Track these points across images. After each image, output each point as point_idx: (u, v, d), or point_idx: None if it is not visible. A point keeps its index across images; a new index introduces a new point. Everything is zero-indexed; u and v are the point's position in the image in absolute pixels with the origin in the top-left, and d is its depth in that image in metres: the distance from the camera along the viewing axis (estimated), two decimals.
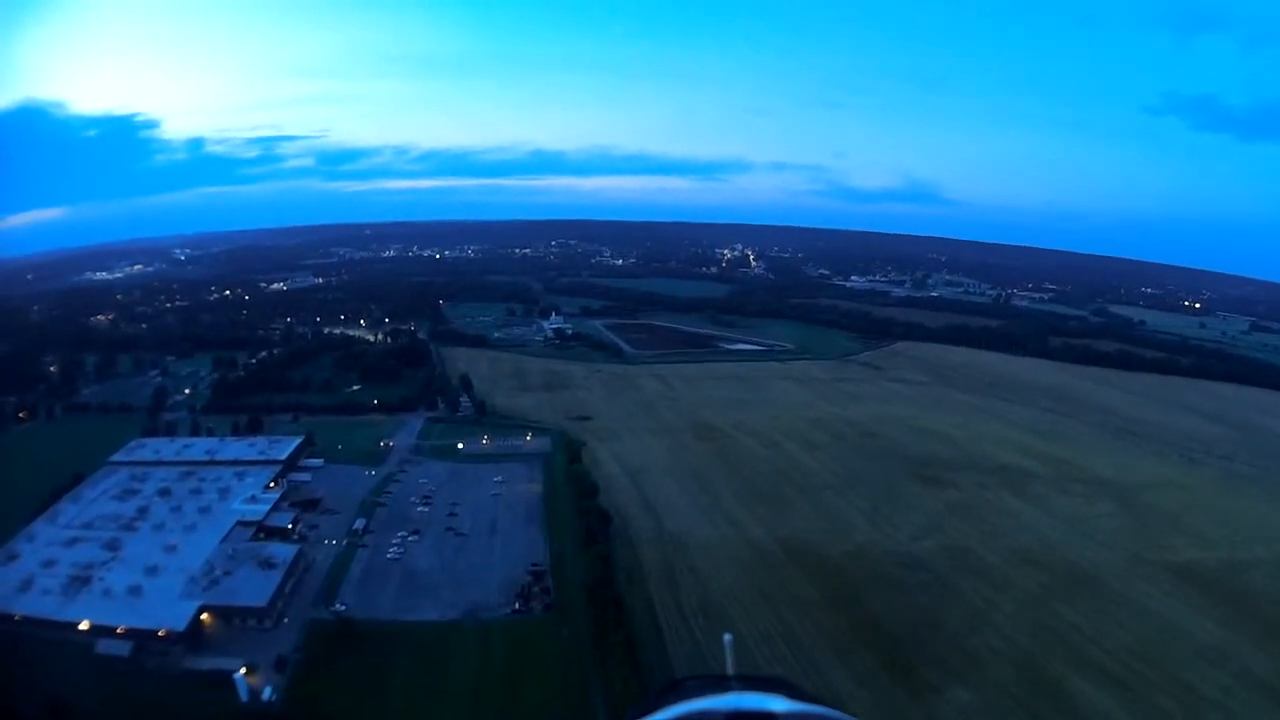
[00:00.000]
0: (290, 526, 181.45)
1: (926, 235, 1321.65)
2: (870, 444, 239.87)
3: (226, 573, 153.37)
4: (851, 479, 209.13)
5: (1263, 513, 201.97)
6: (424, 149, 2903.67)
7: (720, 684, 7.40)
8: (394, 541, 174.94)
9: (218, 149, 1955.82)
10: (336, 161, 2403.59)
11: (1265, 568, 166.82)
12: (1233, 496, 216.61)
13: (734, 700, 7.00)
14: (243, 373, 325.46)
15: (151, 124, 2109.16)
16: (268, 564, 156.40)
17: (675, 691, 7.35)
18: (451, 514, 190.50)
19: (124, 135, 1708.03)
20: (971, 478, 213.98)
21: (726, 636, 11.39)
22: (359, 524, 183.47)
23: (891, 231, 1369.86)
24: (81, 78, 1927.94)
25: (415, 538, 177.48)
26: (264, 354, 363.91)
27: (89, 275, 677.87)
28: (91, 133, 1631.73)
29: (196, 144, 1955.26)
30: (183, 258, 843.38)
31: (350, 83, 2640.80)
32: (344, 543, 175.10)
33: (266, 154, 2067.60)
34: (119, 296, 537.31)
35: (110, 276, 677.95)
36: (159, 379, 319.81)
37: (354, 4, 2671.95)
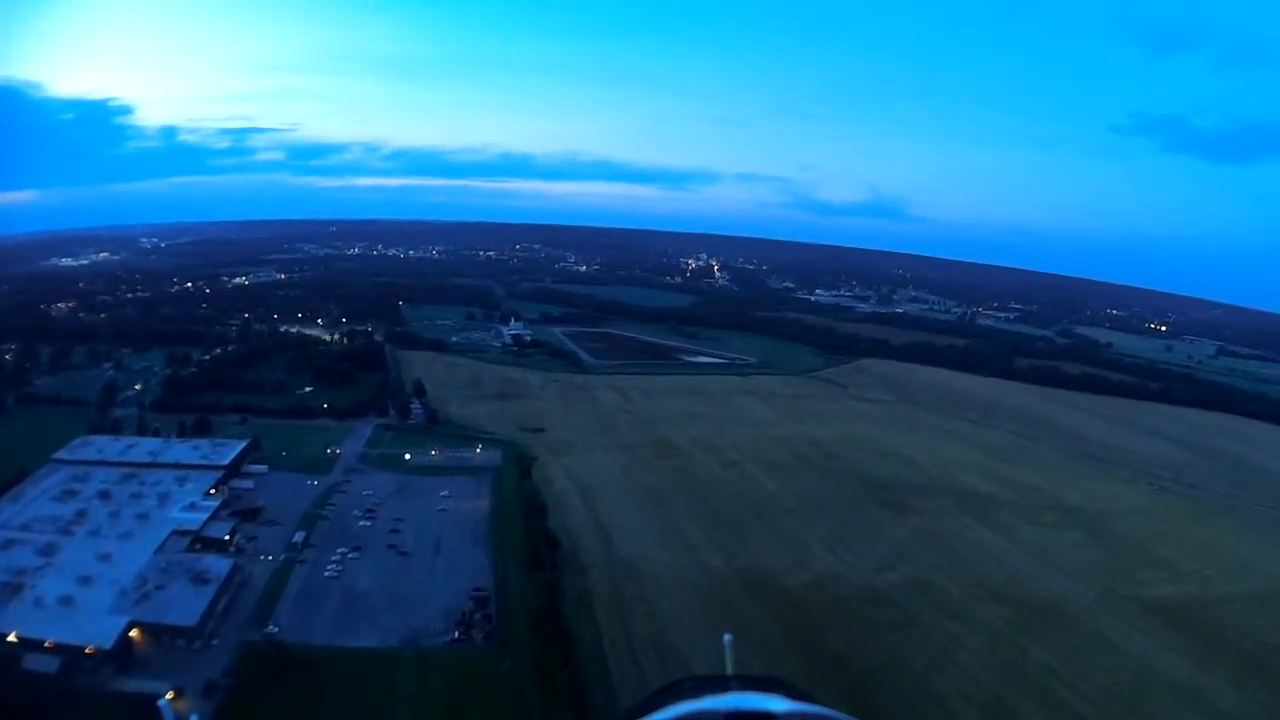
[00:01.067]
0: (228, 538, 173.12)
1: (892, 251, 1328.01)
2: (832, 466, 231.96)
3: (159, 587, 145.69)
4: (813, 503, 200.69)
5: (1233, 544, 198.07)
6: (393, 147, 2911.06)
7: (719, 684, 7.29)
8: (333, 558, 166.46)
9: (190, 138, 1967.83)
10: (307, 156, 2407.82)
11: (1239, 603, 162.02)
12: (1203, 526, 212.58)
13: (733, 700, 6.90)
14: (195, 370, 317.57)
15: (126, 110, 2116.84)
16: (201, 579, 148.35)
17: (674, 691, 7.22)
18: (395, 530, 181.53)
19: (99, 120, 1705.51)
20: (937, 503, 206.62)
21: (726, 637, 10.91)
22: (298, 537, 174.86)
23: (857, 246, 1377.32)
24: (59, 60, 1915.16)
25: (356, 555, 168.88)
26: (219, 351, 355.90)
27: (55, 261, 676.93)
28: (67, 116, 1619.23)
29: (169, 132, 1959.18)
30: (149, 247, 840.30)
31: (323, 78, 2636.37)
32: (282, 557, 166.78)
33: (238, 145, 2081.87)
34: (81, 284, 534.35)
35: (76, 263, 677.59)
36: (112, 373, 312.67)
37: (329, 1, 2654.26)
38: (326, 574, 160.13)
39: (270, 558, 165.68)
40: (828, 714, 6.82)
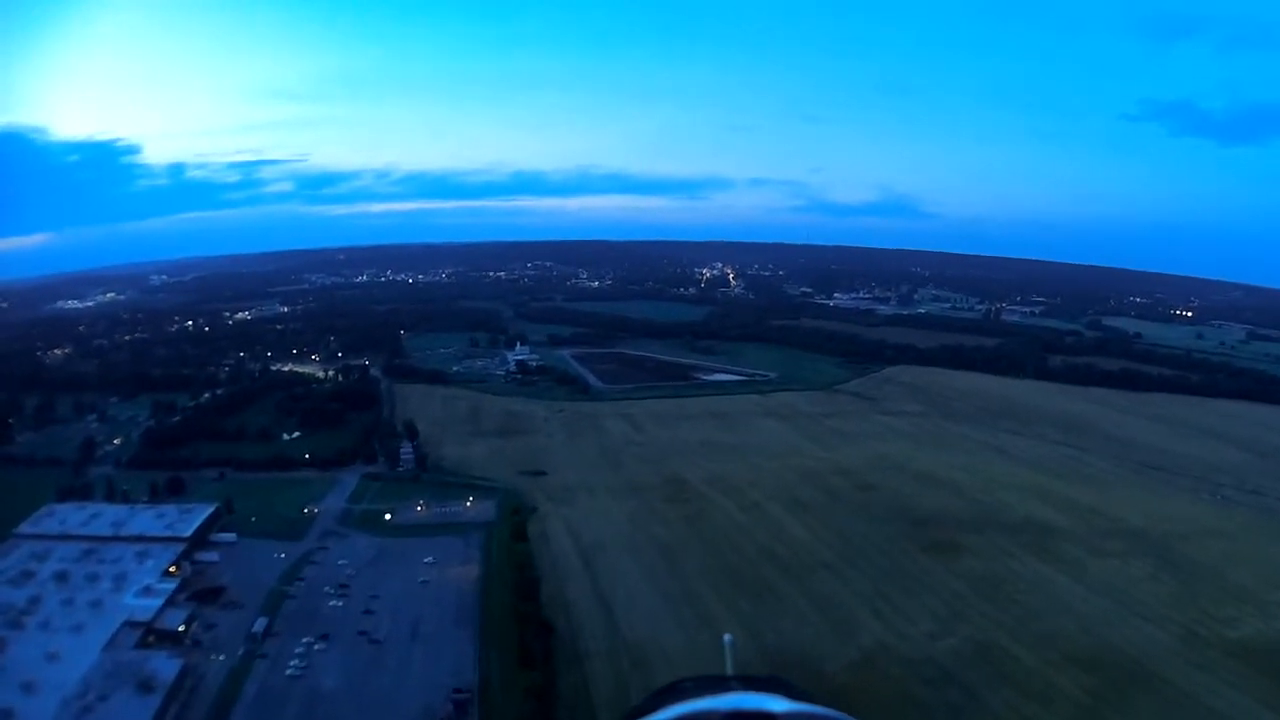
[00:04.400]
0: (182, 628, 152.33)
1: (908, 249, 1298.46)
2: (868, 501, 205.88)
3: (101, 698, 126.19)
4: (849, 552, 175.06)
5: None
6: (405, 171, 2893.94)
7: (719, 684, 7.13)
8: (297, 650, 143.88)
9: (198, 174, 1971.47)
10: (317, 185, 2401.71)
11: None
12: (1277, 543, 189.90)
13: (733, 700, 6.78)
14: (178, 418, 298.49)
15: (133, 149, 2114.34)
16: (147, 686, 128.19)
17: (674, 692, 7.09)
18: (368, 611, 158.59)
19: (106, 161, 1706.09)
20: (989, 540, 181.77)
21: (727, 637, 10.67)
22: (260, 625, 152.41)
23: (873, 246, 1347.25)
24: (63, 103, 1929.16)
25: (323, 646, 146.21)
26: (206, 395, 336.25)
27: (62, 304, 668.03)
28: (73, 158, 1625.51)
29: (178, 169, 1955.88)
30: (157, 285, 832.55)
31: (331, 106, 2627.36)
32: (240, 651, 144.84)
33: (247, 179, 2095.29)
34: (81, 328, 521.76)
35: (82, 305, 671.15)
36: (95, 425, 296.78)
37: (335, 28, 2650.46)
38: (288, 672, 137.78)
39: (219, 658, 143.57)
40: (828, 714, 6.73)
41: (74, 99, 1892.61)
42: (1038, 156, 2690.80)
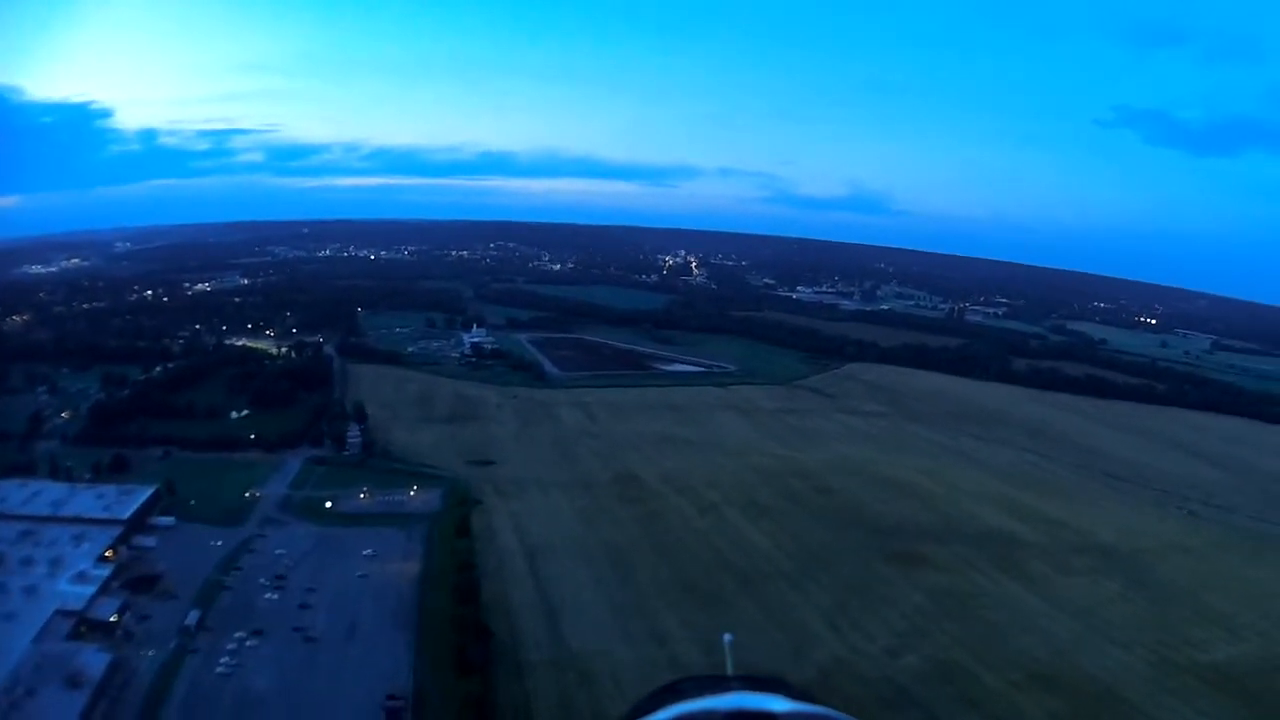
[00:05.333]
0: (114, 619, 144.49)
1: (874, 244, 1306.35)
2: (828, 505, 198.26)
3: (28, 692, 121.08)
4: (808, 561, 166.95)
5: None
6: (373, 147, 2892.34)
7: (719, 684, 7.11)
8: (230, 646, 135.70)
9: (170, 141, 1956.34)
10: (286, 157, 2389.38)
11: None
12: (1248, 564, 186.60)
13: (733, 700, 6.74)
14: (128, 393, 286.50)
15: (105, 113, 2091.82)
16: (74, 681, 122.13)
17: (674, 692, 7.08)
18: (304, 605, 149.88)
19: (79, 123, 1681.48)
20: (954, 552, 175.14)
21: (726, 636, 10.38)
22: (193, 618, 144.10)
23: (838, 240, 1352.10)
24: (38, 64, 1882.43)
25: (255, 641, 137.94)
26: (158, 369, 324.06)
27: (25, 269, 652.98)
28: (47, 119, 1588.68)
29: (149, 135, 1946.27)
30: (121, 252, 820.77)
31: (304, 79, 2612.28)
32: (172, 644, 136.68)
33: (218, 147, 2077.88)
34: (42, 295, 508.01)
35: (45, 270, 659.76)
36: (45, 397, 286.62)
37: (310, 2, 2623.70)
38: (219, 670, 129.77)
39: (150, 654, 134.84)
40: (828, 714, 6.67)
41: (50, 60, 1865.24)
42: (1009, 158, 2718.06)
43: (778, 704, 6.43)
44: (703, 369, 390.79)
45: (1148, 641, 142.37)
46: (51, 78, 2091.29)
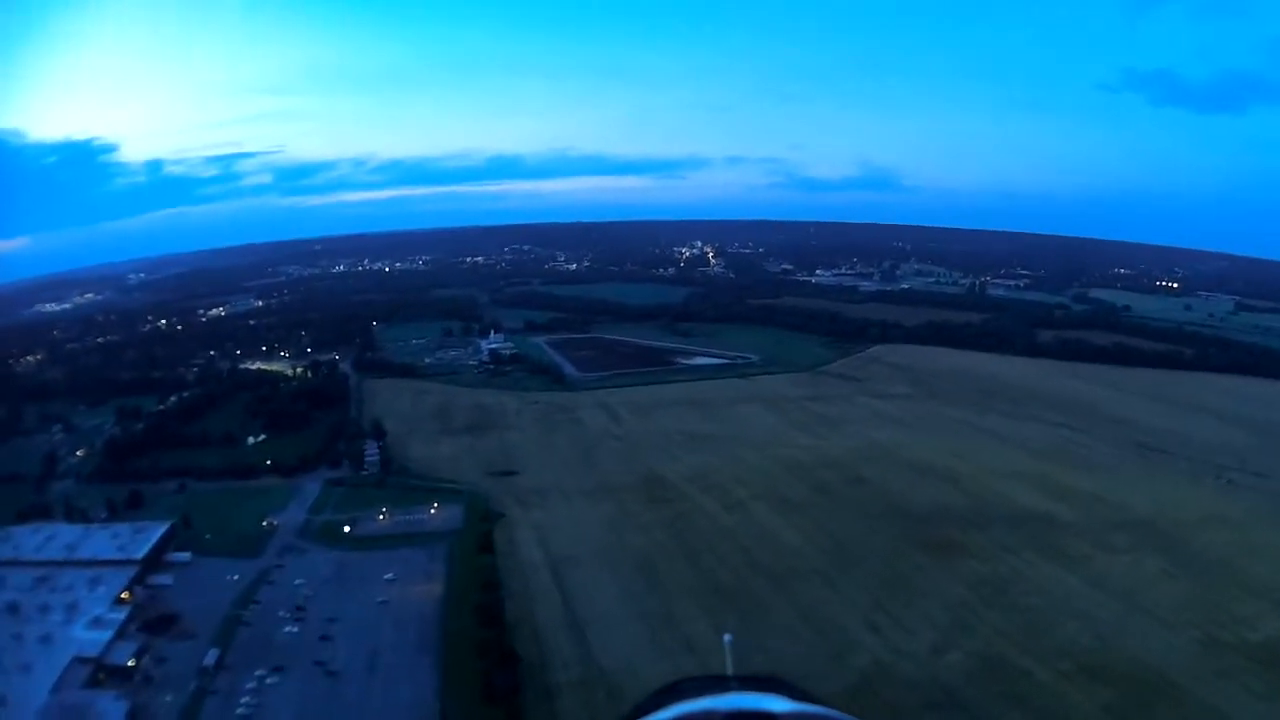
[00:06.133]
0: (132, 663, 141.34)
1: (889, 223, 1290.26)
2: (859, 495, 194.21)
3: None
4: (842, 556, 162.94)
5: None
6: (382, 159, 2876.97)
7: (719, 684, 7.34)
8: (249, 685, 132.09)
9: (176, 169, 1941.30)
10: (294, 177, 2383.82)
11: None
12: None
13: (733, 700, 6.92)
14: (141, 426, 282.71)
15: (109, 148, 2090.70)
16: None
17: (674, 692, 7.27)
18: (324, 637, 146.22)
19: (83, 161, 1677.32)
20: (990, 536, 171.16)
21: (727, 637, 11.10)
22: (211, 657, 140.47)
23: (853, 221, 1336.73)
24: (39, 105, 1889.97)
25: (276, 678, 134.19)
26: (173, 399, 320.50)
27: (39, 307, 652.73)
28: (50, 160, 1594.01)
29: (155, 166, 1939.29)
30: (134, 283, 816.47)
31: (307, 98, 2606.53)
32: (191, 687, 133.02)
33: (224, 173, 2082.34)
34: (55, 332, 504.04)
35: (59, 308, 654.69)
36: (59, 436, 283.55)
37: (308, 21, 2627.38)
38: (239, 711, 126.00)
39: (169, 699, 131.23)
40: (828, 714, 6.83)
41: (50, 100, 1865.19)
42: (1017, 128, 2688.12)
43: (778, 704, 6.54)
44: (725, 361, 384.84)
45: (1194, 620, 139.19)
46: (53, 117, 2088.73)
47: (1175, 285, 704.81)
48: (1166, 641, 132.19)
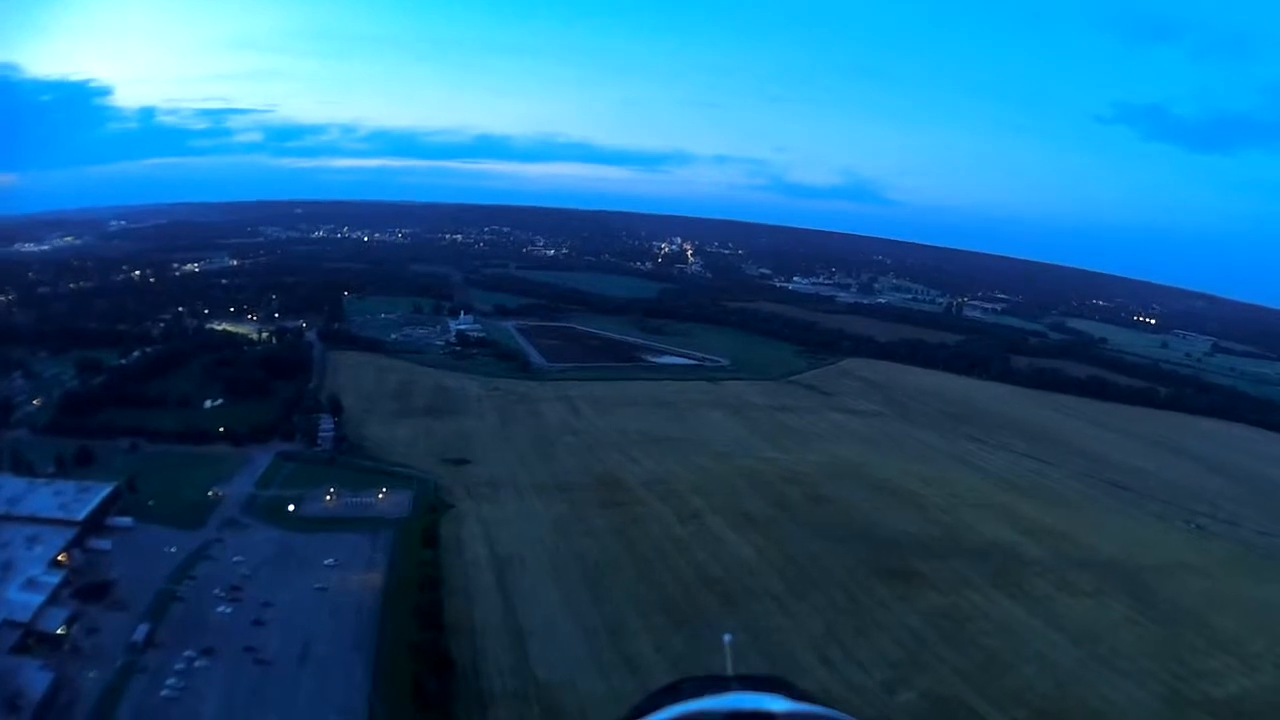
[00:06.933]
0: (62, 631, 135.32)
1: (870, 235, 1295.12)
2: (821, 515, 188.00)
3: None
4: (799, 579, 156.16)
5: None
6: (371, 128, 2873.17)
7: (719, 684, 7.14)
8: (178, 666, 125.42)
9: (168, 119, 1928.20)
10: (284, 137, 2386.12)
11: None
12: (1258, 584, 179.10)
13: (733, 700, 6.84)
14: (101, 378, 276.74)
15: (104, 91, 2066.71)
16: (13, 703, 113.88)
17: (674, 692, 7.13)
18: (258, 621, 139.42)
19: (78, 101, 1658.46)
20: (952, 568, 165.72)
21: (726, 637, 10.26)
22: (141, 632, 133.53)
23: (834, 230, 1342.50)
24: (37, 41, 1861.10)
25: (205, 661, 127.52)
26: (135, 354, 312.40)
27: (18, 247, 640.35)
28: (45, 97, 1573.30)
29: (148, 113, 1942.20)
30: (115, 231, 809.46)
31: (302, 59, 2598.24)
32: (119, 662, 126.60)
33: (215, 126, 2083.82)
34: (30, 274, 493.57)
35: (37, 249, 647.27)
36: (19, 383, 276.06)
37: None
38: (165, 693, 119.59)
39: (94, 675, 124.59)
40: (828, 714, 6.81)
41: (49, 36, 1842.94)
42: (1006, 151, 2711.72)
43: (777, 704, 6.50)
44: (694, 362, 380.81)
45: (1157, 672, 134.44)
46: (50, 55, 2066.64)
47: (1153, 321, 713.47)
48: (1127, 693, 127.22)
